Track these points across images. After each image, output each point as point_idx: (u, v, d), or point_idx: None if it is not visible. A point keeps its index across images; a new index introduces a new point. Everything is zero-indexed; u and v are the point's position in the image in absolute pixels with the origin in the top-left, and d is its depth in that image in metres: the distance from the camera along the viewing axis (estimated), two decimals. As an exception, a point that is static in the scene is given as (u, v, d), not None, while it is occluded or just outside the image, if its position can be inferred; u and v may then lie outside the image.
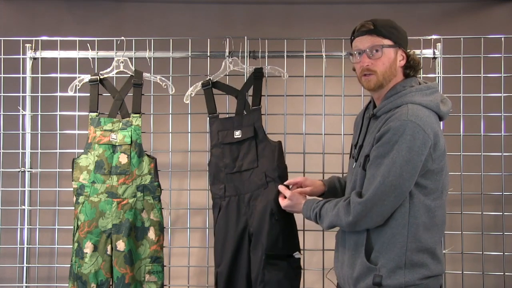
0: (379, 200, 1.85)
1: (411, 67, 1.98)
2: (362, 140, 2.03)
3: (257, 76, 2.61)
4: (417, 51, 2.79)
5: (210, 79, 2.66)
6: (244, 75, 2.73)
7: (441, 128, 2.01)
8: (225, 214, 2.49)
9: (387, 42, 1.94)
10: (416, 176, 1.85)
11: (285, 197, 2.30)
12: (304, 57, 2.80)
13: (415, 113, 1.85)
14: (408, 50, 1.98)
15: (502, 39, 2.80)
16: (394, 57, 1.95)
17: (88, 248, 2.49)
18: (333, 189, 2.31)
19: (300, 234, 2.82)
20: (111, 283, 2.55)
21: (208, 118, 2.61)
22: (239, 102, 2.59)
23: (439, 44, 2.79)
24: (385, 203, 1.84)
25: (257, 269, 2.37)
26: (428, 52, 2.79)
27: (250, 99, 2.60)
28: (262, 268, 2.34)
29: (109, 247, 2.50)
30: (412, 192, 1.88)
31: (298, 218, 2.93)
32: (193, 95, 2.69)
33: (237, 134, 2.52)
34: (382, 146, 1.86)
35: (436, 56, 2.79)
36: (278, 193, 2.37)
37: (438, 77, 2.80)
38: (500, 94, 2.84)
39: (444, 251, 2.73)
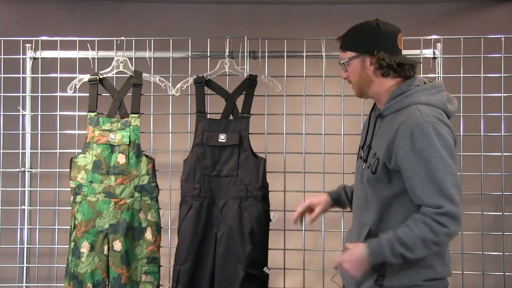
0: (457, 194, 1.77)
1: (384, 68, 1.91)
2: (370, 140, 2.00)
3: (251, 83, 2.62)
4: (417, 51, 2.80)
5: (203, 76, 2.66)
6: (244, 76, 2.73)
7: None
8: (196, 214, 2.51)
9: (348, 55, 1.95)
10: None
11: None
12: (304, 57, 2.80)
13: (428, 113, 1.81)
14: (379, 52, 1.89)
15: (502, 39, 2.79)
16: (360, 66, 1.94)
17: (84, 247, 2.49)
18: (339, 199, 2.24)
19: (300, 234, 2.82)
20: (107, 283, 2.55)
21: (196, 116, 2.61)
22: (228, 106, 2.60)
23: (439, 44, 2.79)
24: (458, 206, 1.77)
25: (228, 279, 2.46)
26: (428, 52, 2.79)
27: (240, 105, 2.60)
28: (240, 285, 2.44)
29: (105, 247, 2.50)
30: None
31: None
32: (183, 88, 2.70)
33: (222, 138, 2.54)
34: (416, 156, 1.78)
35: (436, 56, 2.79)
36: (262, 213, 2.49)
37: (438, 77, 2.80)
38: (500, 94, 2.84)
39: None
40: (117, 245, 2.48)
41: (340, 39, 2.00)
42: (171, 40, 2.83)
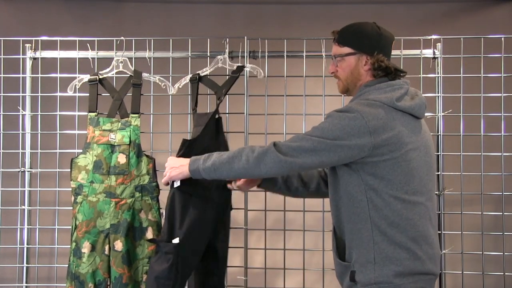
0: (293, 152, 1.86)
1: (379, 70, 1.96)
2: None
3: (234, 72, 2.61)
4: (417, 51, 2.80)
5: (198, 73, 2.65)
6: (244, 75, 2.73)
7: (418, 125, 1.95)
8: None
9: (346, 50, 1.98)
10: (339, 153, 1.84)
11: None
12: (304, 57, 2.80)
13: (359, 105, 1.87)
14: (379, 54, 1.94)
15: (502, 39, 2.80)
16: (355, 64, 1.98)
17: (86, 248, 2.48)
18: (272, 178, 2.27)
19: (300, 234, 2.83)
20: (108, 283, 2.54)
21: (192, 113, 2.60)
22: (217, 98, 2.58)
23: (439, 44, 2.79)
24: (296, 159, 1.86)
25: None
26: (428, 52, 2.79)
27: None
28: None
29: (107, 247, 2.50)
30: (371, 184, 1.86)
31: (298, 217, 2.93)
32: (181, 87, 2.69)
33: None
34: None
35: (436, 56, 2.79)
36: None
37: (438, 77, 2.80)
38: (500, 94, 2.84)
39: (444, 251, 2.73)
40: (118, 245, 2.48)
41: (337, 34, 2.02)
42: (171, 40, 2.83)
